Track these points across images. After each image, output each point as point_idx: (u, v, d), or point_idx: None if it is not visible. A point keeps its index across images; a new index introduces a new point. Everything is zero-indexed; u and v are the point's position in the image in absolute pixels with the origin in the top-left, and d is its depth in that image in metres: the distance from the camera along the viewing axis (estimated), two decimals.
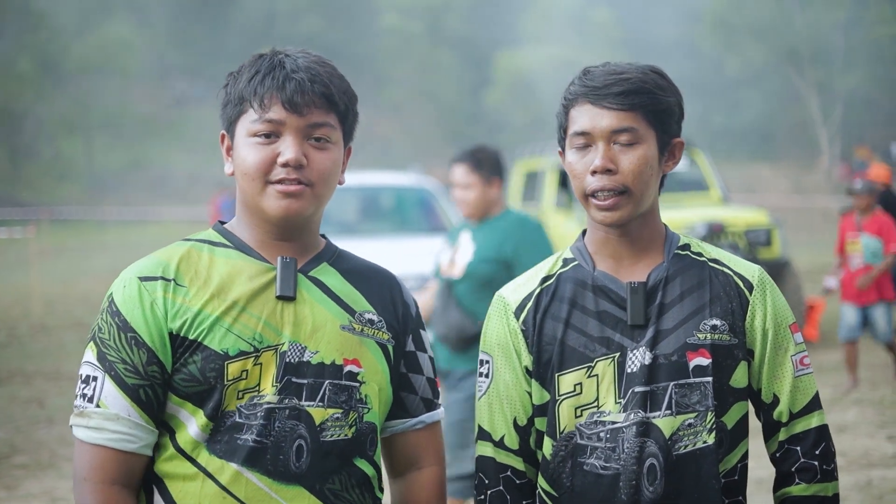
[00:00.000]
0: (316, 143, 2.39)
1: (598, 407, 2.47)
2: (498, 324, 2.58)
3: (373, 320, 2.46)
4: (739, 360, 2.49)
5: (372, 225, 13.23)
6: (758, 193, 37.71)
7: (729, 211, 12.91)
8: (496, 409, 2.56)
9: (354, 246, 12.08)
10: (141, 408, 2.32)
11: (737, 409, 2.49)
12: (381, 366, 2.45)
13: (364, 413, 2.42)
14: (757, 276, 2.54)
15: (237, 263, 2.41)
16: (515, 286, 2.60)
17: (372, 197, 13.79)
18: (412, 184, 14.03)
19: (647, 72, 2.50)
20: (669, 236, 2.58)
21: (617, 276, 2.51)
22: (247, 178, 2.38)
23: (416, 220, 13.40)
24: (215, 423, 2.33)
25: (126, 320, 2.33)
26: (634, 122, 2.46)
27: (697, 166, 13.87)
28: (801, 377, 2.52)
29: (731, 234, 12.06)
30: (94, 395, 2.33)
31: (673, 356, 2.45)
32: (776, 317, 2.51)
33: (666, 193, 13.61)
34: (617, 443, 2.44)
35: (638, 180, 2.45)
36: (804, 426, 2.50)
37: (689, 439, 2.44)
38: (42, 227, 27.40)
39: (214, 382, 2.32)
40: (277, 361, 2.35)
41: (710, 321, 2.48)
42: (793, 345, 2.52)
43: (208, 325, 2.33)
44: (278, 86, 2.36)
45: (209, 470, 2.32)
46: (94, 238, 32.72)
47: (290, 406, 2.35)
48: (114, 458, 2.31)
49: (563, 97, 2.54)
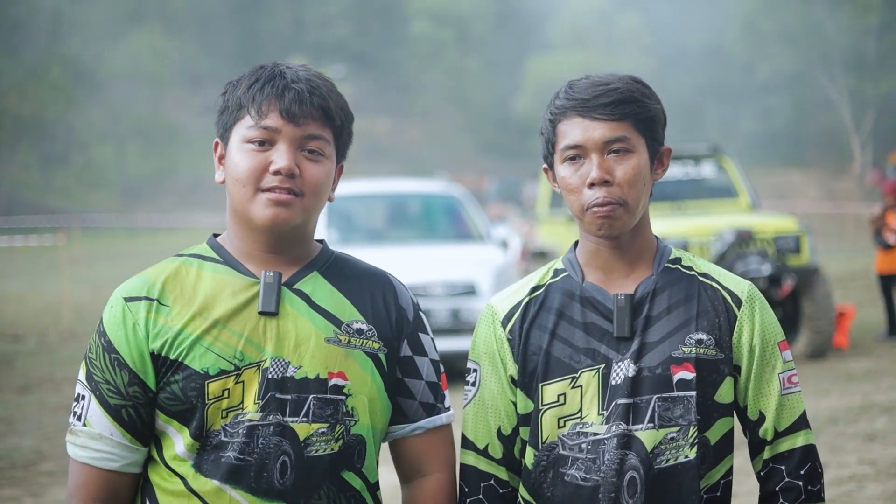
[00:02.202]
0: (309, 154, 2.37)
1: (581, 418, 2.45)
2: (486, 332, 2.57)
3: (362, 329, 2.43)
4: (725, 375, 2.46)
5: (399, 232, 13.22)
6: (788, 200, 37.53)
7: (757, 218, 12.82)
8: (480, 417, 2.56)
9: (381, 253, 12.05)
10: (124, 427, 2.33)
11: (721, 424, 2.47)
12: (370, 377, 2.42)
13: (351, 426, 2.39)
14: (746, 292, 2.50)
15: (223, 279, 2.39)
16: (505, 295, 2.60)
17: (399, 204, 13.78)
18: (439, 191, 14.03)
19: (630, 81, 2.49)
20: (661, 249, 2.56)
21: (605, 288, 2.50)
22: (238, 184, 2.36)
23: (444, 228, 13.39)
24: (201, 442, 2.32)
25: (110, 341, 2.35)
26: (626, 131, 2.45)
27: (726, 173, 13.78)
28: (787, 395, 2.48)
29: (760, 241, 11.97)
30: (82, 413, 2.36)
31: (657, 369, 2.44)
32: (764, 333, 2.48)
33: (694, 200, 13.47)
34: (598, 454, 2.43)
35: (633, 190, 2.44)
36: (789, 445, 2.47)
37: (671, 453, 2.42)
38: (73, 234, 27.61)
39: (196, 402, 2.31)
40: (259, 378, 2.33)
41: (696, 335, 2.46)
42: (780, 362, 2.49)
43: (188, 344, 2.32)
44: (277, 94, 2.35)
45: (194, 488, 2.32)
46: (124, 245, 32.91)
47: (274, 423, 2.33)
48: (97, 476, 2.34)
49: (547, 112, 2.52)
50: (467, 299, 11.56)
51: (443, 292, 11.56)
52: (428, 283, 11.52)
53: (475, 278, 11.64)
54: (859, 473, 7.28)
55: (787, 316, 12.27)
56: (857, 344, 13.03)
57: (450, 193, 13.77)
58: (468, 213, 13.35)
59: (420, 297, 11.24)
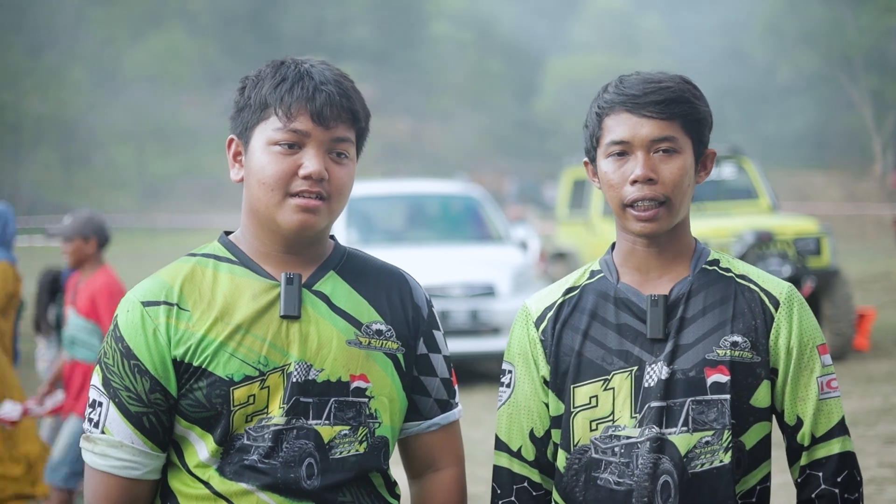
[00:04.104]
0: (336, 157, 2.35)
1: (614, 421, 2.42)
2: (520, 333, 2.55)
3: (381, 330, 2.41)
4: (762, 378, 2.42)
5: (418, 233, 13.22)
6: (810, 201, 37.36)
7: (777, 219, 12.78)
8: (514, 419, 2.53)
9: (400, 254, 12.03)
10: (145, 435, 2.31)
11: (757, 429, 2.43)
12: (390, 378, 2.41)
13: (375, 428, 2.38)
14: (785, 294, 2.46)
15: (241, 281, 2.36)
16: (541, 296, 2.57)
17: (418, 205, 13.78)
18: (459, 192, 14.02)
19: (681, 81, 2.46)
20: (698, 250, 2.52)
21: (640, 290, 2.47)
22: (265, 187, 2.32)
23: (463, 229, 13.38)
24: (225, 447, 2.31)
25: (129, 347, 2.30)
26: (674, 131, 2.42)
27: (746, 174, 13.74)
28: (826, 400, 2.43)
29: (780, 243, 11.93)
30: (100, 420, 2.32)
31: (691, 372, 2.40)
32: (802, 336, 2.43)
33: (714, 202, 13.44)
34: (631, 458, 2.40)
35: (678, 190, 2.41)
36: (826, 452, 2.42)
37: (706, 457, 2.38)
38: None
39: (221, 409, 2.29)
40: (285, 383, 2.32)
41: (731, 337, 2.41)
42: (819, 366, 2.44)
43: (212, 350, 2.30)
44: (308, 96, 2.31)
45: (221, 491, 2.30)
46: (145, 245, 32.99)
47: (298, 426, 2.32)
48: (118, 484, 2.31)
49: (595, 106, 2.48)
50: (486, 300, 11.56)
51: (461, 293, 11.55)
52: (447, 285, 11.52)
53: (494, 279, 11.63)
54: (879, 476, 7.25)
55: None
56: (878, 346, 12.97)
57: (469, 194, 13.77)
58: (487, 214, 13.34)
59: (438, 298, 11.28)
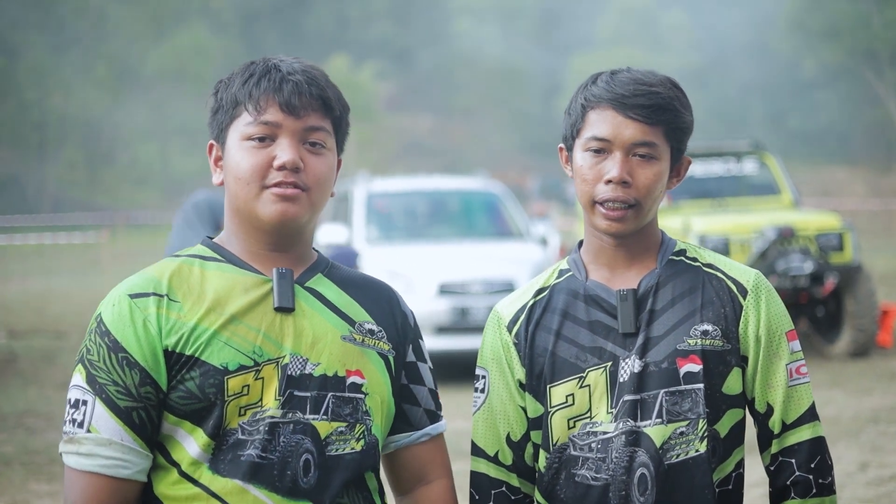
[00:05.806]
0: (311, 147, 2.31)
1: (591, 418, 2.42)
2: (492, 338, 2.54)
3: (373, 330, 2.38)
4: (732, 366, 2.43)
5: (438, 229, 13.18)
6: (834, 197, 37.19)
7: (800, 215, 12.70)
8: (490, 424, 2.52)
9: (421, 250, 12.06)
10: (134, 431, 2.22)
11: (730, 416, 2.43)
12: (383, 377, 2.37)
13: (371, 426, 2.34)
14: (752, 281, 2.47)
15: (231, 276, 2.31)
16: (511, 299, 2.57)
17: (438, 201, 13.75)
18: (479, 188, 13.99)
19: (670, 87, 2.45)
20: (665, 242, 2.52)
21: (609, 285, 2.47)
22: (241, 182, 2.29)
23: (483, 225, 13.35)
24: (217, 441, 2.23)
25: (116, 340, 2.23)
26: (655, 137, 2.41)
27: (768, 169, 13.66)
28: (795, 386, 2.44)
29: (802, 239, 11.86)
30: (85, 419, 2.23)
31: (663, 363, 2.40)
32: (770, 323, 2.44)
33: (736, 198, 13.37)
34: (607, 453, 2.40)
35: (649, 196, 2.42)
36: (797, 438, 2.43)
37: (681, 448, 2.39)
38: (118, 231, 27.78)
39: (214, 399, 2.22)
40: (279, 375, 2.26)
41: (701, 326, 2.42)
42: (788, 353, 2.45)
43: (205, 339, 2.24)
44: (275, 87, 2.28)
45: (213, 489, 2.23)
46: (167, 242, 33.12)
47: (295, 420, 2.26)
48: (107, 485, 2.22)
49: (581, 96, 2.46)
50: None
51: (481, 290, 11.53)
52: (467, 281, 11.50)
53: (514, 276, 11.60)
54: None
55: (830, 314, 12.16)
56: None
57: (489, 190, 13.73)
58: (507, 210, 13.31)
59: (458, 295, 11.31)
